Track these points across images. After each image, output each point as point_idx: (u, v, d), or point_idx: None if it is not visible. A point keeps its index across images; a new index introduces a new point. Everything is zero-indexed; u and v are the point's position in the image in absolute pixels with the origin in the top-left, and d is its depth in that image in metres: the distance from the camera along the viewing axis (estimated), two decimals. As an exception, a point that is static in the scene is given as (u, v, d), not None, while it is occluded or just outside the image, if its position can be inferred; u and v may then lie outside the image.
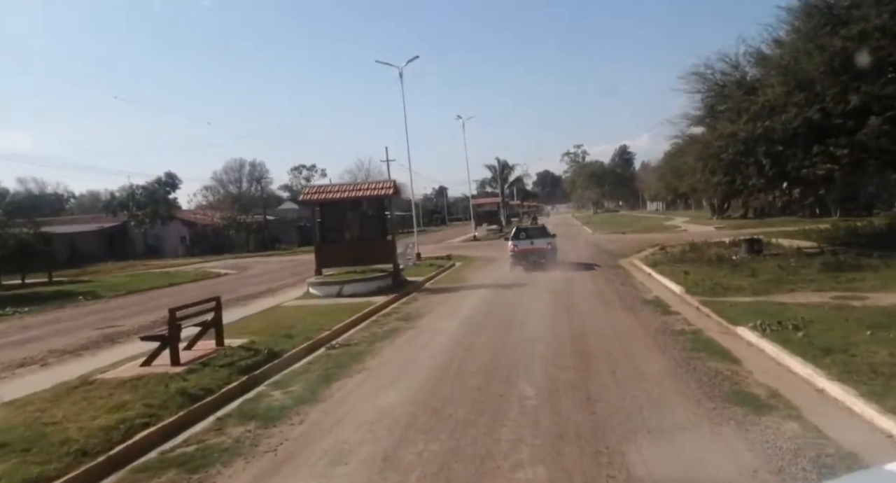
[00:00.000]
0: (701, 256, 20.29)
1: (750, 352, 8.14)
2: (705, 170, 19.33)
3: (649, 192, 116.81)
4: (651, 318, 10.95)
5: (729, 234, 32.83)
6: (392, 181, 17.09)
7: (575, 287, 15.63)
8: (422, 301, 14.81)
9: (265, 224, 46.22)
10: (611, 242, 33.03)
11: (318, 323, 11.50)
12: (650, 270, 18.44)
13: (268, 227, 51.86)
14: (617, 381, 6.89)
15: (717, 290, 13.45)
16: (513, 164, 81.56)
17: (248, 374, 7.77)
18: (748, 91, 18.27)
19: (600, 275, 18.30)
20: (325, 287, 15.90)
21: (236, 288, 20.74)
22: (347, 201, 17.12)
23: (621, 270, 19.52)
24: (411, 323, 11.69)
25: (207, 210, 51.46)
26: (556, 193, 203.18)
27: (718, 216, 51.87)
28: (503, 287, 16.52)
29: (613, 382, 6.88)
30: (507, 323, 11.01)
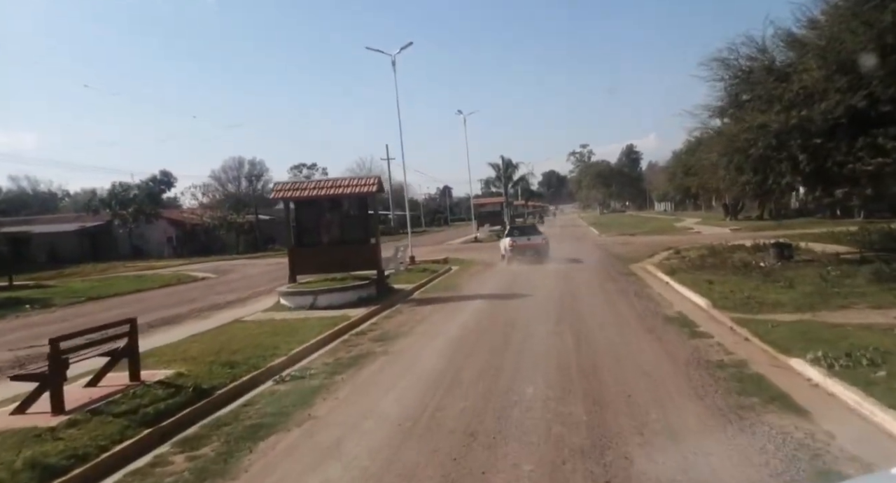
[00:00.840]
0: (723, 263, 18.38)
1: (818, 397, 6.23)
2: (730, 166, 17.37)
3: (657, 193, 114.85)
4: (678, 342, 9.04)
5: (747, 236, 30.88)
6: (376, 177, 15.21)
7: (583, 299, 13.72)
8: (406, 315, 12.92)
9: (256, 224, 44.47)
10: (620, 245, 31.10)
11: (275, 345, 9.63)
12: (667, 278, 16.54)
13: (260, 227, 50.03)
14: (646, 450, 4.99)
15: (750, 304, 11.53)
16: (517, 163, 79.46)
17: (154, 425, 5.90)
18: (780, 77, 16.30)
19: (611, 283, 16.39)
20: (297, 297, 14.03)
21: (206, 295, 18.90)
22: (325, 199, 15.26)
23: (634, 278, 17.61)
24: (387, 346, 9.80)
25: (198, 209, 49.52)
26: (561, 193, 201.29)
27: (732, 217, 49.85)
28: (501, 298, 14.63)
29: (641, 450, 4.98)
30: (501, 348, 9.11)
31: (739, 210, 51.17)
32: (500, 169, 75.71)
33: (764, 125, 15.55)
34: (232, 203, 50.97)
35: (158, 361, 8.55)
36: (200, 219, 46.25)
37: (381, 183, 15.53)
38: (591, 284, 16.40)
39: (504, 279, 18.88)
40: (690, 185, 53.36)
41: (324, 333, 10.64)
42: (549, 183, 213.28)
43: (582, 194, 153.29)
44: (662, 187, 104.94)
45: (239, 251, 44.79)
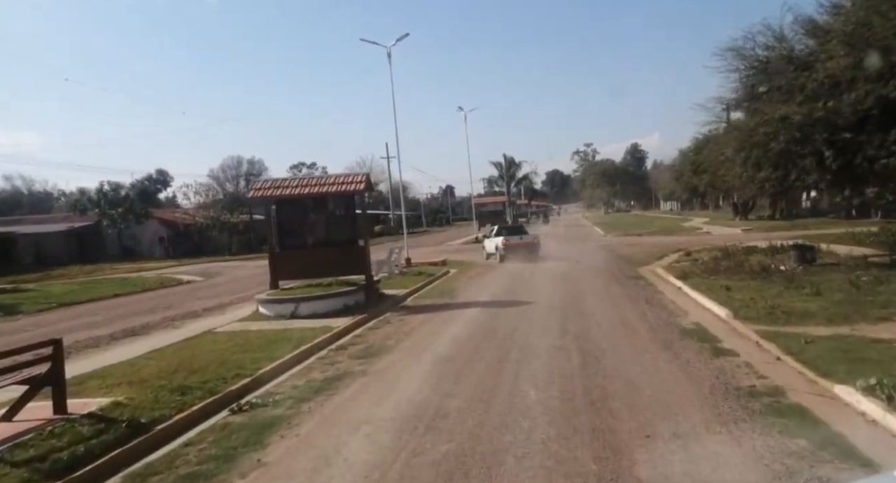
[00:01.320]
0: (739, 266, 17.25)
1: (882, 441, 5.12)
2: (747, 162, 16.25)
3: (663, 192, 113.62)
4: (699, 361, 7.93)
5: (760, 237, 29.73)
6: (364, 174, 14.13)
7: (589, 306, 12.60)
8: (394, 326, 11.82)
9: (251, 224, 43.43)
10: (626, 246, 29.96)
11: (242, 363, 8.56)
12: (680, 283, 15.43)
13: (255, 227, 49.01)
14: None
15: (776, 315, 10.43)
16: (520, 162, 78.27)
17: (64, 477, 4.82)
18: (801, 66, 15.17)
19: (619, 288, 15.28)
20: (277, 305, 12.94)
21: (185, 301, 17.82)
22: (309, 199, 14.18)
23: (643, 282, 16.49)
24: (367, 364, 8.70)
25: (191, 209, 48.41)
26: (565, 193, 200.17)
27: (742, 217, 48.65)
28: (500, 305, 13.54)
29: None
30: (495, 369, 8.00)
31: (749, 209, 49.97)
32: (502, 167, 74.67)
33: (785, 117, 14.44)
34: (227, 203, 49.84)
35: (101, 385, 7.47)
36: (193, 219, 45.18)
37: (369, 181, 14.43)
38: (597, 289, 15.28)
39: (504, 284, 17.79)
40: (698, 184, 52.37)
41: (299, 348, 9.55)
42: (552, 182, 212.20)
43: (586, 193, 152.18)
44: (668, 186, 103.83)
45: (232, 252, 43.73)
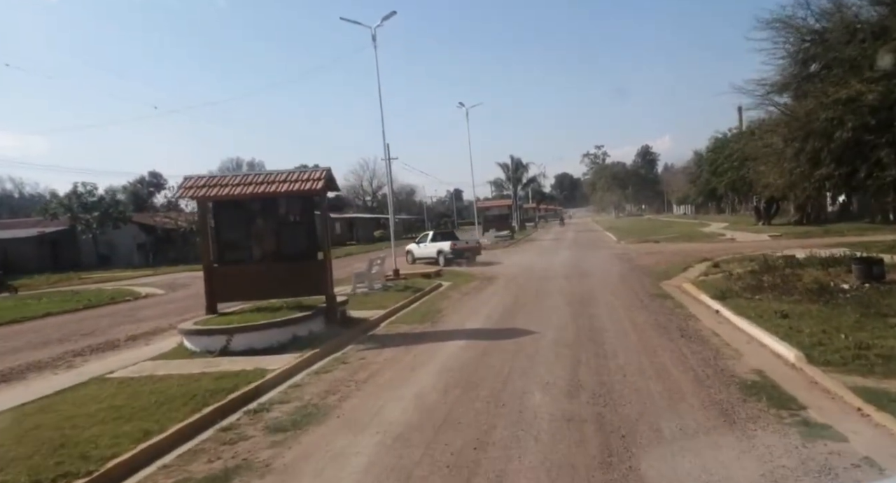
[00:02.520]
0: (786, 282, 14.38)
1: None
2: (800, 156, 13.40)
3: (677, 195, 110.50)
4: (785, 448, 5.10)
5: (793, 245, 26.80)
6: (324, 170, 11.36)
7: (608, 344, 9.73)
8: (348, 368, 9.03)
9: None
10: (644, 255, 27.07)
11: (93, 444, 5.79)
12: (717, 305, 12.58)
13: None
14: None
15: (867, 358, 7.60)
16: (527, 163, 75.57)
17: None
18: (872, 35, 12.32)
19: (643, 313, 12.42)
20: (204, 338, 10.16)
21: (119, 324, 15.11)
22: (255, 200, 11.43)
23: (671, 303, 13.65)
24: (282, 446, 5.90)
25: (172, 212, 45.73)
26: (575, 196, 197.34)
27: (765, 221, 45.58)
28: (492, 336, 10.74)
29: None
30: (467, 469, 5.19)
31: (774, 214, 46.90)
32: (508, 169, 71.88)
33: (854, 99, 11.61)
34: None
35: None
36: (175, 223, 42.57)
37: (330, 178, 11.63)
38: (616, 314, 12.44)
39: (502, 303, 14.97)
40: (718, 186, 49.40)
41: (200, 412, 6.78)
42: (561, 185, 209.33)
43: (596, 197, 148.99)
44: (682, 189, 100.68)
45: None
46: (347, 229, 72.09)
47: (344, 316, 12.65)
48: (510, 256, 31.88)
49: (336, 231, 67.03)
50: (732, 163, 44.07)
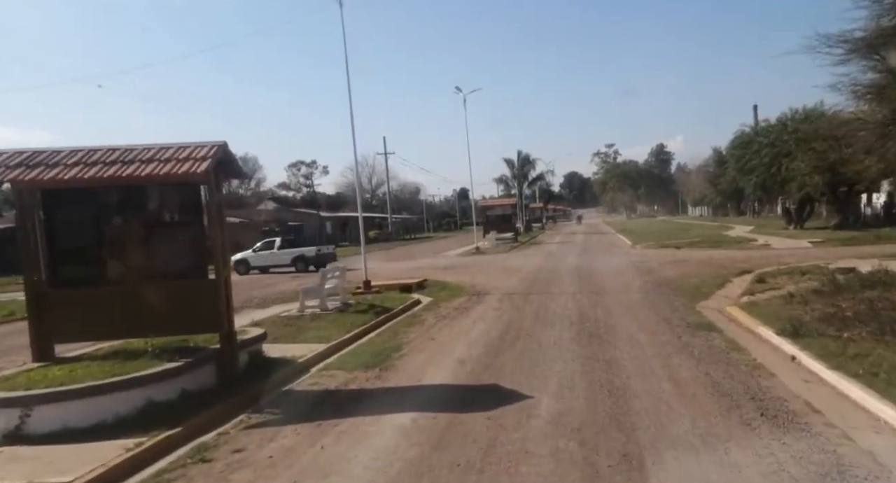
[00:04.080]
0: (873, 309, 10.66)
1: None
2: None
3: (693, 196, 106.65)
4: None
5: (846, 254, 23.02)
6: (214, 146, 7.71)
7: (641, 431, 5.94)
8: (206, 477, 5.43)
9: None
10: (667, 264, 23.31)
11: None
12: (791, 348, 8.89)
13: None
14: None
15: None
16: (534, 159, 71.64)
17: None
18: None
19: (685, 360, 8.68)
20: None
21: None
22: (109, 189, 7.83)
23: (720, 340, 9.92)
24: None
25: None
26: (584, 196, 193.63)
27: (797, 225, 41.68)
28: (461, 403, 7.08)
29: None
30: None
31: (807, 216, 42.99)
32: (514, 166, 68.08)
33: None
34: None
35: None
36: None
37: (224, 157, 7.98)
38: (645, 362, 8.73)
39: (487, 335, 11.27)
40: (746, 185, 45.46)
41: None
42: (571, 185, 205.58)
43: (607, 197, 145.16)
44: (699, 189, 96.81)
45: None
46: (340, 229, 68.54)
47: (257, 358, 9.01)
48: (511, 263, 28.21)
49: (327, 231, 63.53)
50: (762, 159, 40.25)
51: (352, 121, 18.17)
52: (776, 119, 41.85)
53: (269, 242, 32.23)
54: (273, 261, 31.18)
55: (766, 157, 39.81)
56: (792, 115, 40.68)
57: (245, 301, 18.43)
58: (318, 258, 30.82)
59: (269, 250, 31.50)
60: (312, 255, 30.97)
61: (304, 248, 31.83)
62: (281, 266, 31.11)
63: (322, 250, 31.75)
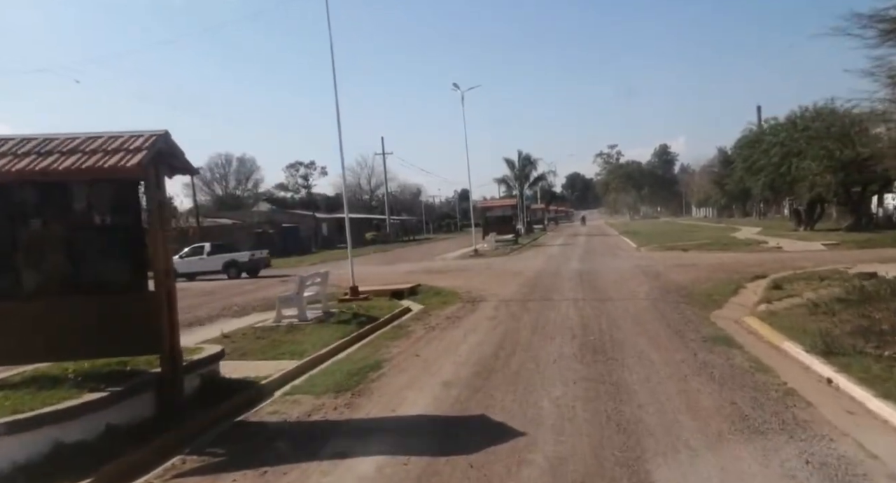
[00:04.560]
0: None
1: None
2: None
3: (697, 197, 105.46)
4: None
5: (864, 257, 21.81)
6: (151, 136, 6.56)
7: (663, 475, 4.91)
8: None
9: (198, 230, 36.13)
10: (674, 268, 22.12)
11: None
12: (825, 368, 7.72)
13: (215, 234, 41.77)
14: None
15: None
16: (535, 160, 70.38)
17: None
18: None
19: (705, 384, 7.47)
20: None
21: None
22: (24, 185, 6.67)
23: (742, 358, 8.74)
24: None
25: None
26: (587, 197, 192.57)
27: (807, 226, 40.44)
28: (440, 444, 5.89)
29: None
30: None
31: (817, 218, 41.75)
32: (515, 166, 66.83)
33: None
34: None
35: None
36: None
37: (165, 148, 6.83)
38: (658, 385, 7.54)
39: (480, 351, 10.09)
40: (753, 185, 44.20)
41: None
42: (573, 186, 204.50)
43: (610, 198, 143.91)
44: (704, 190, 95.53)
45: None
46: (337, 231, 67.34)
47: (212, 381, 7.85)
48: (510, 267, 27.04)
49: (324, 233, 62.41)
50: (770, 159, 39.03)
51: (338, 117, 17.03)
52: (785, 117, 40.65)
53: (198, 248, 30.88)
54: (202, 267, 29.79)
55: (776, 157, 38.60)
56: (801, 113, 39.46)
57: (223, 308, 17.30)
58: (252, 264, 29.83)
59: (197, 256, 30.16)
60: (245, 261, 29.85)
61: (237, 253, 30.59)
62: (211, 273, 29.73)
63: (256, 255, 30.55)
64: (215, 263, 29.79)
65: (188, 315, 15.73)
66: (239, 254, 30.55)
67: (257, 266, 30.10)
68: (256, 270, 30.05)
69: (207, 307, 17.78)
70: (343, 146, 17.05)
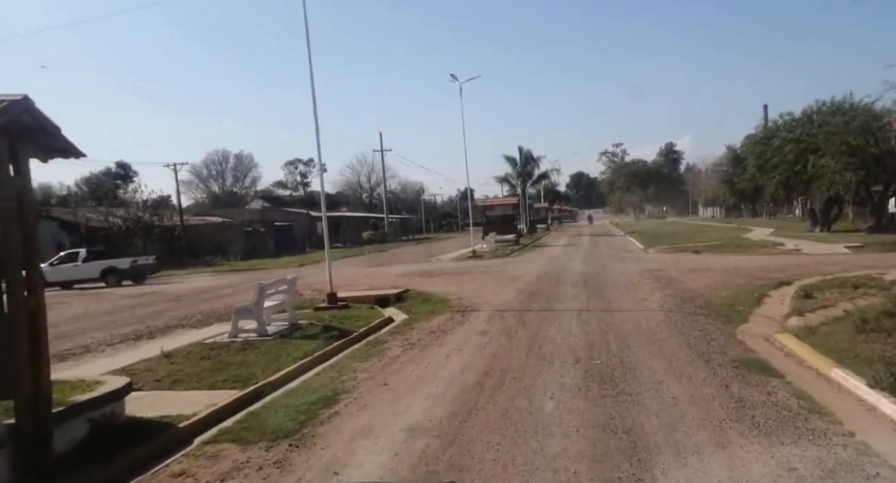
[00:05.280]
0: None
1: None
2: None
3: (705, 196, 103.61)
4: None
5: (892, 261, 20.14)
6: (7, 100, 4.91)
7: None
8: None
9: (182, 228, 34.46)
10: (687, 272, 20.34)
11: None
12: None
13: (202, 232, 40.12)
14: None
15: None
16: (538, 157, 68.42)
17: None
18: None
19: (749, 438, 5.67)
20: None
21: None
22: None
23: (785, 394, 6.99)
24: None
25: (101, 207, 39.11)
26: (591, 197, 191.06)
27: (824, 227, 38.58)
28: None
29: None
30: None
31: (834, 218, 39.89)
32: (517, 163, 64.99)
33: None
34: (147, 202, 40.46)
35: None
36: (105, 220, 36.24)
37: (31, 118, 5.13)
38: (687, 431, 5.80)
39: (462, 379, 8.35)
40: (767, 184, 42.28)
41: None
42: (577, 185, 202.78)
43: (615, 197, 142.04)
44: (712, 190, 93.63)
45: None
46: (334, 230, 65.65)
47: (109, 425, 6.12)
48: (509, 269, 25.31)
49: (319, 232, 60.68)
50: (785, 156, 37.20)
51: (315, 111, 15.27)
52: (801, 112, 38.78)
53: (73, 254, 28.95)
54: (77, 275, 27.98)
55: (790, 154, 36.79)
56: (818, 108, 37.62)
57: (184, 317, 15.60)
58: (134, 271, 28.11)
59: (71, 263, 28.25)
60: (126, 268, 28.07)
61: (116, 259, 28.71)
62: (88, 281, 27.98)
63: (138, 262, 28.80)
64: (92, 270, 27.97)
65: (140, 326, 14.07)
66: (119, 260, 28.65)
67: (141, 273, 28.35)
68: (141, 277, 28.40)
69: (168, 315, 16.10)
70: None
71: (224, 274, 33.11)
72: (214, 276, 31.64)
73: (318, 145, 15.42)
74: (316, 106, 15.37)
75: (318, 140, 15.40)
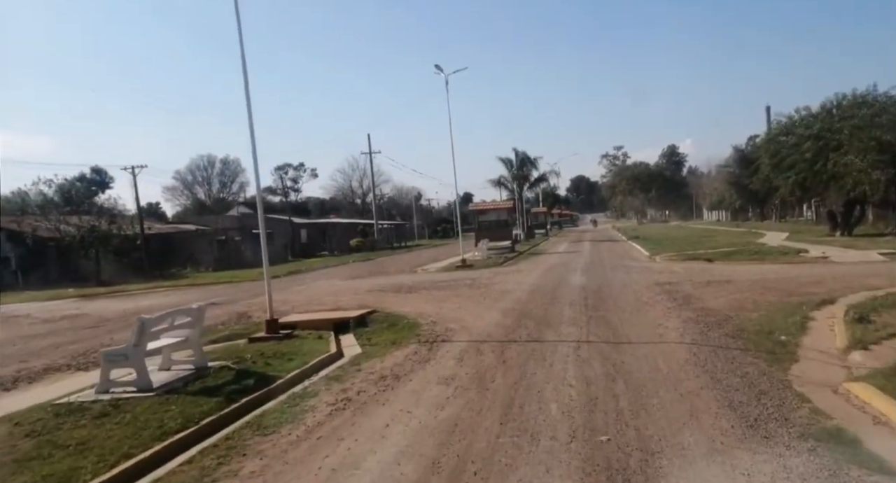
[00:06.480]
0: None
1: None
2: None
3: (711, 199, 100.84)
4: None
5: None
6: None
7: None
8: None
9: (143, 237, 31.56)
10: (703, 287, 17.37)
11: None
12: None
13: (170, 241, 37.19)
14: None
15: None
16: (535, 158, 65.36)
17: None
18: None
19: None
20: None
21: None
22: None
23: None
24: None
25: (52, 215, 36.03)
26: (592, 201, 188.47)
27: (845, 231, 35.72)
28: None
29: None
30: None
31: (856, 221, 37.01)
32: (512, 165, 62.04)
33: None
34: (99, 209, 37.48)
35: None
36: (56, 230, 33.33)
37: None
38: None
39: (411, 468, 5.47)
40: (783, 184, 39.36)
41: None
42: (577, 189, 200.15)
43: (616, 201, 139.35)
44: (718, 192, 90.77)
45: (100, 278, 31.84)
46: (320, 237, 62.75)
47: None
48: (498, 282, 22.42)
49: (302, 239, 57.80)
50: (803, 154, 34.38)
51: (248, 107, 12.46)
52: (819, 106, 35.97)
53: None
54: None
55: (809, 152, 33.97)
56: (838, 102, 34.85)
57: (83, 353, 12.69)
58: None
59: None
60: None
61: None
62: None
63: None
64: None
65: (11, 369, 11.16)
66: None
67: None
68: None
69: (66, 350, 13.20)
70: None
71: (181, 289, 30.08)
72: (166, 293, 28.59)
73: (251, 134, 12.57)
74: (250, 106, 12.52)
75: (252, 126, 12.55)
